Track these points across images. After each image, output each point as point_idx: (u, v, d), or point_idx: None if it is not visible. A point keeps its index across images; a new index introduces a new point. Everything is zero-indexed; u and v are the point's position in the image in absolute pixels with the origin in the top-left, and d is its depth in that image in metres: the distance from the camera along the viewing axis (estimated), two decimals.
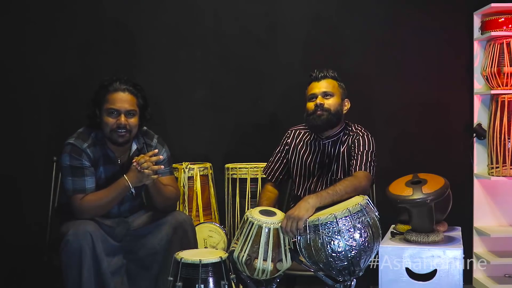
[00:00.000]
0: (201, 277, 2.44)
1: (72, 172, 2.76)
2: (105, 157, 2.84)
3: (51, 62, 3.78)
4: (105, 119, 2.79)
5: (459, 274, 2.65)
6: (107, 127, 2.79)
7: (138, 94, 2.84)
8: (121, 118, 2.78)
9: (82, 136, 2.82)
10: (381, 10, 3.87)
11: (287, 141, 3.10)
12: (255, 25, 3.86)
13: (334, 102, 2.92)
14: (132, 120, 2.81)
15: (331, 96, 2.92)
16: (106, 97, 2.79)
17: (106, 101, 2.79)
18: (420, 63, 3.87)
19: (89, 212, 2.73)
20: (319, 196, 2.58)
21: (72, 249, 2.59)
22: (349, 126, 3.00)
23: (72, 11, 3.79)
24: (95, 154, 2.81)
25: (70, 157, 2.76)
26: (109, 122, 2.78)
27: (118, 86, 2.79)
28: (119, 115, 2.78)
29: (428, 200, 2.64)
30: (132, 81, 2.86)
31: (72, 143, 2.78)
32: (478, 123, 3.77)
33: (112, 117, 2.78)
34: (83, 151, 2.77)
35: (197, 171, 3.53)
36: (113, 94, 2.79)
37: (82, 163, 2.76)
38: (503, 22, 3.57)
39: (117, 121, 2.77)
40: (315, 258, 2.45)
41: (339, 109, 2.93)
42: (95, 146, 2.82)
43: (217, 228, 3.40)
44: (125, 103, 2.79)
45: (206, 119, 3.87)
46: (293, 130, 3.12)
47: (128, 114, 2.80)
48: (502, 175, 3.56)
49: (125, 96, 2.80)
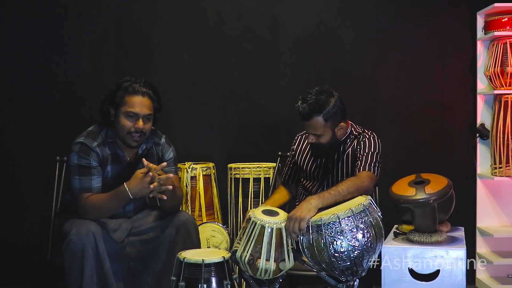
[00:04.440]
0: (204, 276, 2.45)
1: (79, 171, 2.75)
2: (114, 156, 2.84)
3: (54, 62, 3.79)
4: (122, 121, 2.76)
5: (462, 274, 2.65)
6: (124, 129, 2.76)
7: (155, 98, 2.82)
8: (140, 122, 2.75)
9: (93, 134, 2.81)
10: (383, 10, 3.87)
11: (293, 147, 3.12)
12: (258, 25, 3.86)
13: (326, 139, 2.86)
14: (148, 125, 2.80)
15: (321, 135, 2.85)
16: (124, 98, 2.76)
17: (125, 103, 2.75)
18: (423, 63, 3.87)
19: (93, 213, 2.72)
20: (321, 197, 2.58)
21: (74, 248, 2.59)
22: (355, 128, 2.99)
23: (77, 10, 3.80)
24: (104, 153, 2.81)
25: (78, 156, 2.76)
26: (127, 125, 2.76)
27: (139, 89, 2.76)
28: (137, 119, 2.76)
29: (431, 200, 2.64)
30: (150, 83, 2.82)
31: (82, 141, 2.77)
32: (481, 123, 3.77)
33: (130, 120, 2.75)
34: (93, 150, 2.77)
35: (200, 171, 3.53)
36: (132, 97, 2.75)
37: (90, 163, 2.76)
38: (507, 22, 3.57)
39: (135, 125, 2.75)
40: (318, 258, 2.45)
41: (333, 139, 2.88)
42: (104, 145, 2.81)
43: (220, 228, 3.40)
44: (145, 107, 2.76)
45: (209, 119, 3.88)
46: (299, 135, 3.14)
47: (146, 118, 2.78)
48: (505, 175, 3.56)
49: (145, 101, 2.76)
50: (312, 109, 2.78)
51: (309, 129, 2.86)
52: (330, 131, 2.86)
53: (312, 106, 2.79)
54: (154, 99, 2.81)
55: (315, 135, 2.86)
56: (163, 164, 2.74)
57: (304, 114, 2.80)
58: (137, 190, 2.67)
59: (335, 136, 2.89)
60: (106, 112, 2.79)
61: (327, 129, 2.84)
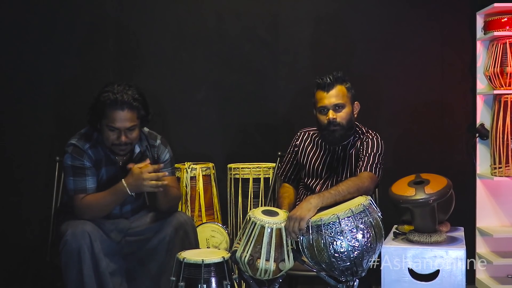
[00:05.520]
0: (204, 277, 2.44)
1: (73, 172, 2.76)
2: (107, 158, 2.84)
3: (54, 62, 3.79)
4: (106, 133, 2.74)
5: (461, 274, 2.65)
6: (108, 141, 2.75)
7: (139, 106, 2.73)
8: (122, 137, 2.72)
9: (84, 137, 2.81)
10: (383, 10, 3.87)
11: (296, 143, 3.10)
12: (258, 25, 3.86)
13: (346, 113, 2.86)
14: (133, 134, 2.76)
15: (342, 107, 2.85)
16: (105, 112, 2.70)
17: (106, 116, 2.71)
18: (423, 63, 3.87)
19: (89, 213, 2.73)
20: (321, 197, 2.58)
21: (70, 249, 2.59)
22: (359, 128, 2.99)
23: (75, 10, 3.80)
24: (97, 155, 2.81)
25: (72, 157, 2.76)
26: (110, 137, 2.73)
27: (118, 102, 2.67)
28: (119, 133, 2.72)
29: (431, 200, 2.64)
30: (132, 89, 2.73)
31: (74, 143, 2.78)
32: (481, 123, 3.77)
33: (112, 133, 2.73)
34: (85, 151, 2.77)
35: (199, 171, 3.53)
36: (112, 112, 2.68)
37: (83, 163, 2.76)
38: (506, 22, 3.57)
39: (118, 139, 2.72)
40: (318, 259, 2.45)
41: (351, 118, 2.89)
42: (96, 147, 2.81)
43: (219, 228, 3.40)
44: (126, 121, 2.70)
45: (209, 119, 3.88)
46: (302, 132, 3.12)
47: (129, 130, 2.74)
48: (505, 175, 3.56)
49: (125, 114, 2.69)
50: (335, 78, 2.86)
51: (331, 100, 2.85)
52: (350, 105, 2.89)
53: (334, 76, 2.87)
54: (136, 108, 2.72)
55: (336, 108, 2.85)
56: (160, 165, 2.74)
57: (327, 83, 2.85)
58: (135, 186, 2.68)
59: (352, 115, 2.90)
60: (92, 121, 2.78)
61: (348, 101, 2.88)
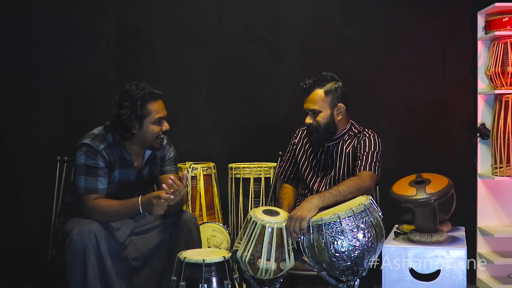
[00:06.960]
0: (204, 276, 2.44)
1: (86, 171, 2.76)
2: (122, 160, 2.84)
3: (55, 62, 3.79)
4: (152, 129, 2.80)
5: (462, 274, 2.65)
6: (153, 136, 2.82)
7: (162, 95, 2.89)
8: (165, 124, 2.85)
9: (98, 138, 2.81)
10: (384, 10, 3.86)
11: (294, 141, 3.11)
12: (258, 25, 3.86)
13: (322, 118, 2.88)
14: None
15: (318, 112, 2.88)
16: (147, 108, 2.78)
17: (149, 113, 2.78)
18: (424, 63, 3.87)
19: (97, 216, 2.73)
20: (322, 196, 2.58)
21: (76, 248, 2.59)
22: (355, 127, 2.99)
23: (78, 11, 3.80)
24: (111, 156, 2.81)
25: (86, 156, 2.76)
26: (156, 131, 2.82)
27: (156, 96, 2.81)
28: (163, 122, 2.84)
29: (432, 200, 2.64)
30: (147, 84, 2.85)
31: (89, 143, 2.77)
32: (482, 123, 3.77)
33: (158, 126, 2.82)
34: (99, 152, 2.77)
35: (200, 171, 3.53)
36: (154, 104, 2.80)
37: (97, 163, 2.76)
38: (507, 22, 3.57)
39: (162, 127, 2.83)
40: (318, 258, 2.45)
41: (329, 121, 2.89)
42: (111, 148, 2.81)
43: (220, 228, 3.40)
44: (164, 108, 2.85)
45: (210, 118, 3.88)
46: (300, 130, 3.12)
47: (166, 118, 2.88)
48: (506, 175, 3.56)
49: (162, 103, 2.84)
50: (314, 82, 2.89)
51: (308, 105, 2.88)
52: (328, 109, 2.88)
53: (314, 79, 2.89)
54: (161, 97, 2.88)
55: (313, 113, 2.88)
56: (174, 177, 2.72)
57: (306, 87, 2.89)
58: (147, 207, 2.72)
59: (333, 118, 2.89)
60: (128, 127, 2.78)
61: (326, 106, 2.88)
